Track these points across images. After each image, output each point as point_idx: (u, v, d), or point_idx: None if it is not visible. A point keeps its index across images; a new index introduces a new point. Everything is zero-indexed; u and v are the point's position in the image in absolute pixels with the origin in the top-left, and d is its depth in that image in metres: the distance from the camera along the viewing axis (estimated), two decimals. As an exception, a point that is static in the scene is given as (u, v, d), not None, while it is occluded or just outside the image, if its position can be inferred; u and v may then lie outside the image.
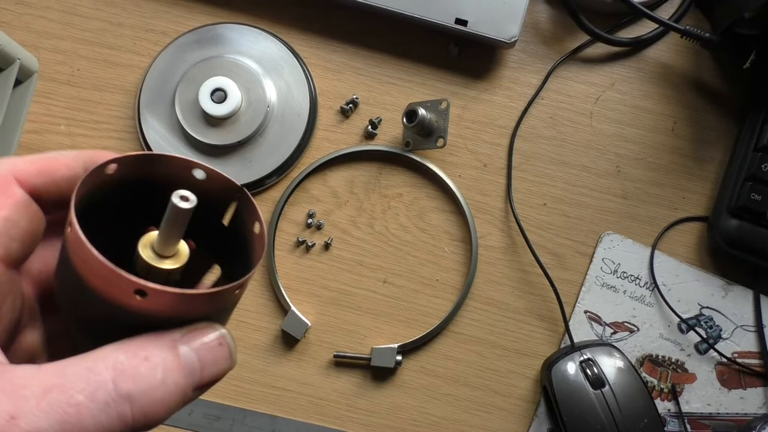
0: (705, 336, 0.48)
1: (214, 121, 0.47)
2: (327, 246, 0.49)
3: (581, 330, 0.48)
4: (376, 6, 0.47)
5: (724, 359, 0.47)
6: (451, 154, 0.49)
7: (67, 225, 0.21)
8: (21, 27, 0.50)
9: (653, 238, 0.49)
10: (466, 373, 0.48)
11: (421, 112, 0.44)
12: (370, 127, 0.49)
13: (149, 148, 0.48)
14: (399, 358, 0.47)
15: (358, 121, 0.50)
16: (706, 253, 0.49)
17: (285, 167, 0.49)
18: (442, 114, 0.46)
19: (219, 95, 0.46)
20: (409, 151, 0.49)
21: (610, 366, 0.45)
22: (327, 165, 0.49)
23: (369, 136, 0.50)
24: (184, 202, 0.20)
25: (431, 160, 0.49)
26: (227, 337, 0.21)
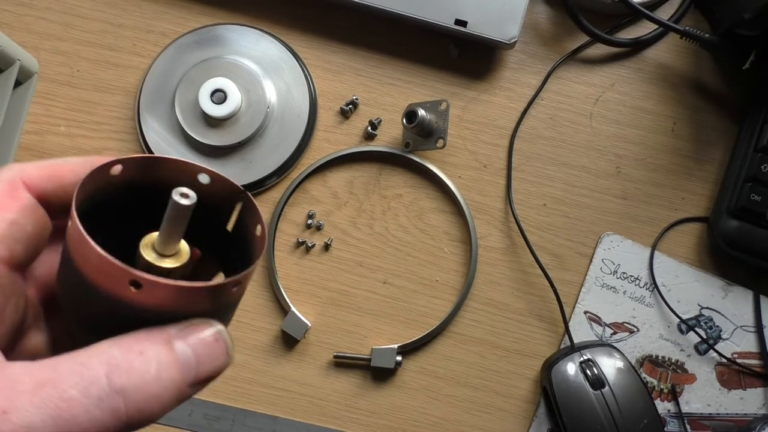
0: (705, 336, 0.48)
1: (213, 122, 0.47)
2: (327, 247, 0.49)
3: (581, 330, 0.48)
4: (376, 7, 0.47)
5: (724, 360, 0.47)
6: (450, 154, 0.49)
7: (68, 220, 0.21)
8: (21, 28, 0.50)
9: (653, 239, 0.49)
10: (466, 374, 0.48)
11: (421, 112, 0.44)
12: (370, 128, 0.49)
13: (149, 149, 0.48)
14: (399, 358, 0.47)
15: (358, 122, 0.50)
16: (706, 254, 0.49)
17: (285, 168, 0.49)
18: (441, 115, 0.46)
19: (219, 96, 0.46)
20: (409, 152, 0.49)
21: (610, 366, 0.45)
22: (327, 166, 0.49)
23: (369, 137, 0.50)
24: (184, 199, 0.20)
25: (431, 161, 0.49)
26: (224, 333, 0.21)
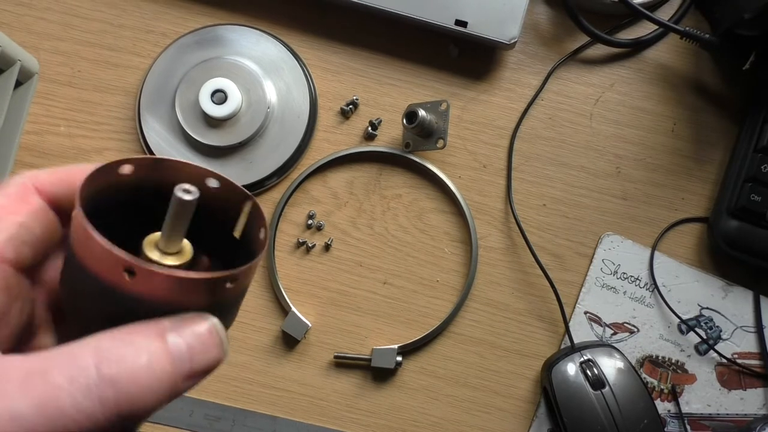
0: (705, 337, 0.48)
1: (214, 123, 0.47)
2: (327, 247, 0.49)
3: (581, 331, 0.48)
4: (376, 7, 0.47)
5: (724, 360, 0.48)
6: (450, 155, 0.49)
7: (72, 216, 0.21)
8: (21, 28, 0.50)
9: (653, 239, 0.49)
10: (467, 374, 0.48)
11: (421, 113, 0.44)
12: (370, 128, 0.49)
13: (149, 150, 0.48)
14: (399, 358, 0.47)
15: (358, 122, 0.50)
16: (706, 254, 0.49)
17: (285, 168, 0.49)
18: (441, 115, 0.46)
19: (219, 96, 0.46)
20: (409, 152, 0.49)
21: (610, 367, 0.45)
22: (327, 166, 0.49)
23: (369, 137, 0.50)
24: (187, 195, 0.20)
25: (431, 161, 0.49)
26: (218, 326, 0.21)
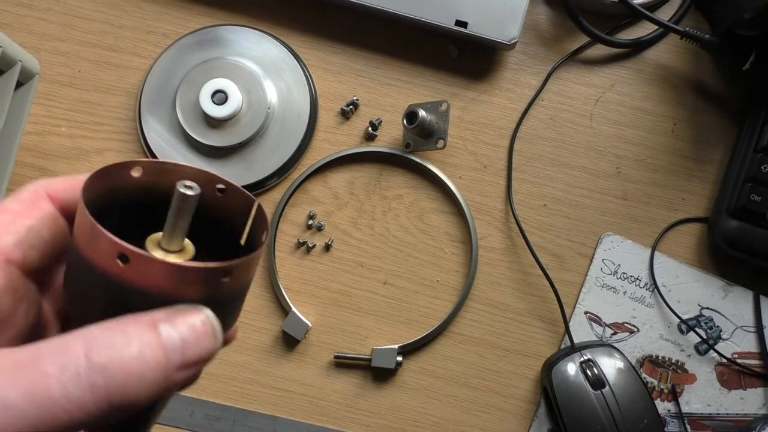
0: (705, 337, 0.48)
1: (214, 123, 0.47)
2: (327, 247, 0.49)
3: (581, 331, 0.48)
4: (376, 8, 0.47)
5: (724, 360, 0.48)
6: (451, 155, 0.49)
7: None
8: (22, 29, 0.50)
9: (653, 239, 0.49)
10: (467, 374, 0.48)
11: (422, 113, 0.45)
12: (371, 129, 0.49)
13: (150, 150, 0.48)
14: (399, 358, 0.47)
15: (359, 123, 0.50)
16: (706, 254, 0.49)
17: (285, 169, 0.49)
18: (442, 115, 0.46)
19: (220, 97, 0.46)
20: (410, 153, 0.49)
21: (610, 367, 0.45)
22: (327, 166, 0.49)
23: (369, 138, 0.50)
24: (188, 190, 0.21)
25: (431, 162, 0.49)
26: (211, 317, 0.21)
